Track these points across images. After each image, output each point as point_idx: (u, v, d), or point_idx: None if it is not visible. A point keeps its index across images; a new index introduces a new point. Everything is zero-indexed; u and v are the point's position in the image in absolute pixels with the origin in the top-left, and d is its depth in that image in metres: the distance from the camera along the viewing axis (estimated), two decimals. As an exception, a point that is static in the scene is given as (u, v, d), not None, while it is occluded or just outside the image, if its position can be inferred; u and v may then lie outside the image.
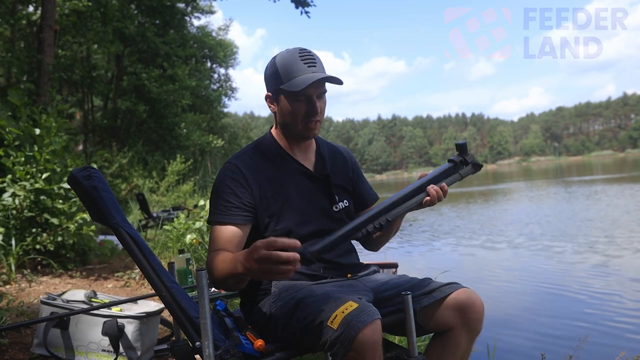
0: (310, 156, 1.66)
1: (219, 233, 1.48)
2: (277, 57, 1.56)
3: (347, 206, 1.67)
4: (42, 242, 4.47)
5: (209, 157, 18.18)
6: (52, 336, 2.38)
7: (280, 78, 1.52)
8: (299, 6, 10.23)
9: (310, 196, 1.60)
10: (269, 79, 1.57)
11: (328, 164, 1.68)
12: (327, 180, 1.64)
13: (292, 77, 1.50)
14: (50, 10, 9.53)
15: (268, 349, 1.39)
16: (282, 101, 1.54)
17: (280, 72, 1.52)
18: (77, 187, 1.46)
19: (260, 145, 1.64)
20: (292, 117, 1.55)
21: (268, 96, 1.59)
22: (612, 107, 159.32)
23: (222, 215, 1.49)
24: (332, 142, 1.79)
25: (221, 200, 1.50)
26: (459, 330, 1.47)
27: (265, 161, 1.59)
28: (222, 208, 1.49)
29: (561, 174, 38.80)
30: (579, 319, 4.06)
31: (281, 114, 1.57)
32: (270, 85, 1.57)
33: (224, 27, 25.27)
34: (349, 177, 1.75)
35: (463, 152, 1.61)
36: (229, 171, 1.55)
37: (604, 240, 7.48)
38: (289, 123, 1.57)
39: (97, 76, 17.28)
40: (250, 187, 1.53)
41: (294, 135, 1.61)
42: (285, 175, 1.59)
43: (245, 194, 1.51)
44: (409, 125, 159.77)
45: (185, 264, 2.63)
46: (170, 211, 9.44)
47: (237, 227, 1.48)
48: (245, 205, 1.50)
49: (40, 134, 4.75)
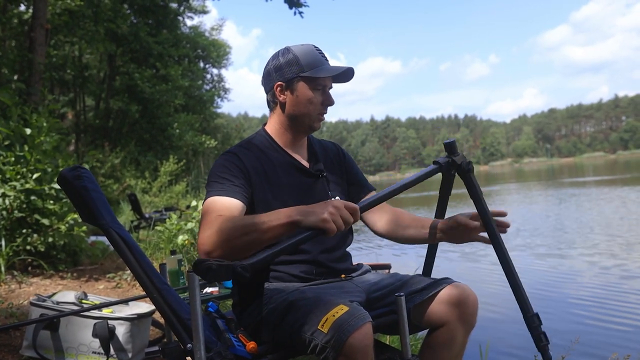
0: (303, 152, 1.67)
1: (219, 201, 1.41)
2: (291, 48, 1.57)
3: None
4: (32, 242, 4.43)
5: (201, 157, 18.14)
6: (41, 338, 2.35)
7: (301, 65, 1.53)
8: (293, 6, 10.23)
9: (304, 191, 1.60)
10: (284, 67, 1.55)
11: (321, 159, 1.68)
12: (321, 174, 1.65)
13: (315, 65, 1.53)
14: (41, 9, 9.46)
15: (260, 351, 1.38)
16: (300, 89, 1.55)
17: (302, 60, 1.53)
18: (67, 187, 1.44)
19: (255, 140, 1.64)
20: (307, 106, 1.56)
21: (279, 86, 1.57)
22: (603, 109, 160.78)
23: (221, 191, 1.43)
24: (320, 139, 1.80)
25: (220, 179, 1.47)
26: (454, 324, 1.47)
27: (261, 154, 1.59)
28: (221, 186, 1.45)
29: (553, 175, 39.05)
30: (570, 320, 4.08)
31: (295, 103, 1.57)
32: (283, 74, 1.56)
33: (216, 27, 25.23)
34: (341, 169, 1.75)
35: (452, 152, 1.53)
36: (228, 157, 1.54)
37: (596, 242, 7.53)
38: (302, 113, 1.57)
39: (89, 76, 17.20)
40: (249, 174, 1.52)
41: (301, 127, 1.60)
42: (281, 169, 1.59)
43: (244, 179, 1.50)
44: (402, 126, 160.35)
45: (177, 265, 2.62)
46: (163, 212, 9.40)
47: (237, 202, 1.42)
48: (243, 186, 1.48)
49: (31, 133, 4.70)
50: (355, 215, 1.25)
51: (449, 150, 1.53)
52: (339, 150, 1.81)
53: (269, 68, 1.60)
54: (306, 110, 1.56)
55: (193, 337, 1.17)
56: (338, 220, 1.21)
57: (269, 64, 1.61)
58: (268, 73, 1.60)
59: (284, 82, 1.56)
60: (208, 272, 1.10)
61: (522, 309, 1.49)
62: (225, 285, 2.46)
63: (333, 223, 1.20)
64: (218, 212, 1.37)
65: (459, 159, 1.53)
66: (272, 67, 1.58)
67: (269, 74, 1.59)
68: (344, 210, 1.23)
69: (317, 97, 1.56)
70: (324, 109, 1.59)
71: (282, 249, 1.19)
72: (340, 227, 1.22)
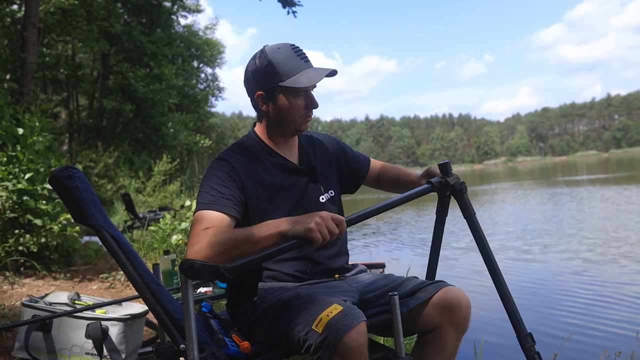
0: (294, 151, 1.66)
1: (208, 215, 1.40)
2: (268, 54, 1.49)
3: (333, 196, 1.68)
4: (25, 243, 4.40)
5: (196, 157, 18.09)
6: (34, 339, 2.34)
7: (279, 75, 1.47)
8: (286, 6, 10.21)
9: (297, 190, 1.60)
10: (261, 76, 1.50)
11: (311, 155, 1.68)
12: (314, 172, 1.64)
13: (292, 73, 1.47)
14: (34, 7, 9.39)
15: (254, 351, 1.38)
16: (281, 98, 1.51)
17: (278, 69, 1.47)
18: (58, 187, 1.43)
19: (246, 144, 1.62)
20: (291, 113, 1.53)
21: (260, 95, 1.53)
22: (596, 108, 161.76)
23: (211, 204, 1.42)
24: (309, 132, 1.75)
25: (211, 190, 1.46)
26: (446, 328, 1.47)
27: (253, 158, 1.58)
28: (211, 197, 1.44)
29: (547, 174, 39.21)
30: (562, 318, 4.10)
31: (278, 112, 1.54)
32: (262, 83, 1.51)
33: (210, 26, 25.13)
34: (338, 162, 1.75)
35: (446, 173, 1.54)
36: (220, 165, 1.53)
37: (587, 241, 7.57)
38: (286, 119, 1.55)
39: (82, 75, 17.07)
40: (242, 180, 1.50)
41: (287, 131, 1.59)
42: (274, 171, 1.58)
43: (236, 188, 1.48)
44: (397, 126, 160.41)
45: (170, 265, 2.60)
46: (157, 212, 9.36)
47: (226, 216, 1.41)
48: (234, 198, 1.46)
49: (23, 133, 4.67)
50: (341, 226, 1.27)
51: (443, 171, 1.54)
52: (331, 141, 1.80)
53: (248, 74, 1.55)
54: (290, 117, 1.54)
55: (186, 337, 1.17)
56: (323, 230, 1.24)
57: (247, 68, 1.56)
58: (247, 79, 1.56)
59: (263, 91, 1.52)
60: (190, 271, 1.10)
61: (515, 328, 1.52)
62: (219, 286, 2.45)
63: (319, 233, 1.23)
64: (206, 225, 1.36)
65: (452, 179, 1.54)
66: (251, 74, 1.54)
67: (249, 80, 1.55)
68: (330, 221, 1.25)
69: (300, 103, 1.52)
70: (309, 112, 1.56)
71: (267, 255, 1.21)
72: (325, 237, 1.24)
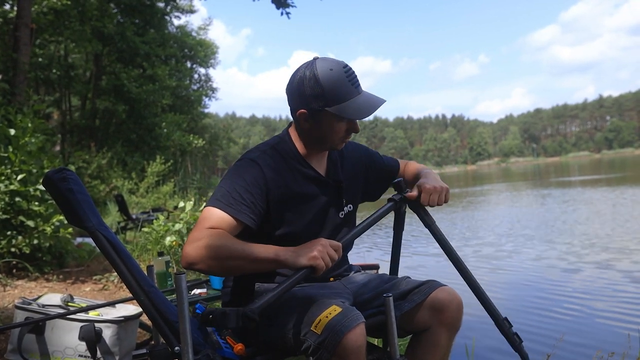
0: (323, 162, 1.63)
1: (219, 215, 1.38)
2: (318, 74, 1.45)
3: (351, 211, 1.67)
4: (17, 245, 4.37)
5: (189, 157, 18.05)
6: (27, 342, 2.32)
7: (327, 100, 1.44)
8: (280, 7, 10.22)
9: (319, 203, 1.58)
10: (308, 97, 1.46)
11: (339, 167, 1.66)
12: (339, 186, 1.63)
13: (341, 100, 1.45)
14: (26, 8, 9.34)
15: (248, 353, 1.38)
16: (324, 121, 1.48)
17: (327, 93, 1.44)
18: (52, 189, 1.42)
19: (279, 147, 1.57)
20: (332, 136, 1.52)
21: (303, 114, 1.49)
22: (588, 109, 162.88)
23: (227, 205, 1.39)
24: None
25: (233, 192, 1.41)
26: (439, 328, 1.48)
27: (283, 164, 1.54)
28: (230, 199, 1.40)
29: (540, 175, 39.43)
30: (555, 319, 4.12)
31: (318, 132, 1.51)
32: (307, 103, 1.47)
33: (203, 27, 25.09)
34: (362, 171, 1.74)
35: (402, 190, 1.61)
36: (250, 166, 1.48)
37: (580, 242, 7.62)
38: (325, 139, 1.53)
39: (75, 75, 17.01)
40: (267, 186, 1.46)
41: (323, 147, 1.58)
42: (300, 181, 1.55)
43: (259, 195, 1.44)
44: (390, 126, 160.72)
45: (164, 267, 2.60)
46: (150, 213, 9.31)
47: (238, 222, 1.39)
48: (254, 206, 1.42)
49: (15, 134, 4.64)
50: (338, 252, 1.34)
51: (399, 189, 1.61)
52: (363, 151, 1.78)
53: (294, 87, 1.50)
54: (329, 138, 1.53)
55: (181, 339, 1.17)
56: (325, 257, 1.30)
57: (294, 79, 1.50)
58: (292, 92, 1.51)
59: (307, 111, 1.49)
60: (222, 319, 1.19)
61: (491, 316, 1.60)
62: (213, 287, 2.45)
63: (322, 260, 1.28)
64: (212, 225, 1.35)
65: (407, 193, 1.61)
66: (297, 89, 1.49)
67: (293, 93, 1.51)
68: (329, 248, 1.32)
69: (342, 127, 1.51)
70: (348, 135, 1.55)
71: (284, 289, 1.27)
72: (327, 263, 1.30)
